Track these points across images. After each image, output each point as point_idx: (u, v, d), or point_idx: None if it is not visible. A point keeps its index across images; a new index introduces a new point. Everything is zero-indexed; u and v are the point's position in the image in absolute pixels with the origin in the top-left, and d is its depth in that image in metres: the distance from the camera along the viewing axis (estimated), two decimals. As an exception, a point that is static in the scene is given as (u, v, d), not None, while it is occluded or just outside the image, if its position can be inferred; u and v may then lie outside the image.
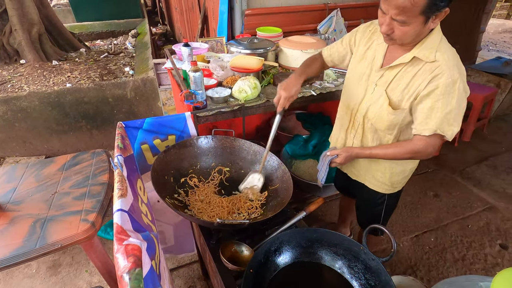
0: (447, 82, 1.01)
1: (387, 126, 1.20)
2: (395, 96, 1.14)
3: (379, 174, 1.38)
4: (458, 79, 1.01)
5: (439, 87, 1.02)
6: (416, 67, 1.08)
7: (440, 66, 1.02)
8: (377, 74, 1.19)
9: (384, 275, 0.90)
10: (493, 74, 3.45)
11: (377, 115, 1.21)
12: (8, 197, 1.46)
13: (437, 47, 1.04)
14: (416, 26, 0.98)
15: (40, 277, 1.97)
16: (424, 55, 1.05)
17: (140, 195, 1.14)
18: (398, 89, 1.12)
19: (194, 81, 1.46)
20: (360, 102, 1.27)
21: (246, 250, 1.08)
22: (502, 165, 2.97)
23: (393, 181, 1.38)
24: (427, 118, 1.07)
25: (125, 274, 0.66)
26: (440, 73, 1.01)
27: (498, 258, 2.07)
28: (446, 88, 1.01)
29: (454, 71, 1.01)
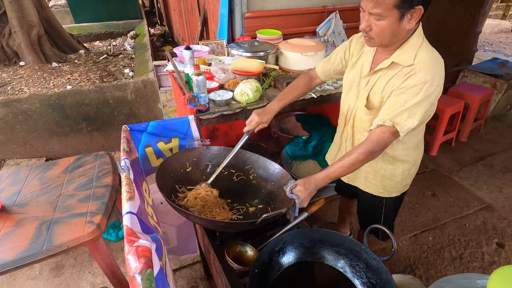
0: (416, 81, 1.03)
1: (368, 127, 1.21)
2: (375, 99, 1.18)
3: (371, 176, 1.39)
4: (428, 82, 1.03)
5: (407, 86, 1.05)
6: (394, 70, 1.11)
7: (414, 69, 1.05)
8: (364, 80, 1.24)
9: (385, 274, 0.93)
10: (489, 75, 3.50)
11: (360, 117, 1.27)
12: (13, 199, 1.48)
13: (417, 51, 1.06)
14: (391, 22, 1.01)
15: (43, 279, 1.98)
16: (402, 59, 1.08)
17: (145, 197, 1.16)
18: (378, 91, 1.17)
19: (197, 85, 1.48)
20: (349, 108, 1.33)
21: (250, 250, 1.11)
22: (499, 164, 3.02)
23: (385, 185, 1.39)
24: (385, 109, 1.09)
25: (137, 274, 0.69)
26: (413, 74, 1.05)
27: (495, 256, 2.11)
28: (414, 87, 1.04)
29: (426, 74, 1.03)
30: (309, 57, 1.98)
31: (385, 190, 1.40)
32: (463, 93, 3.19)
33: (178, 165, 1.37)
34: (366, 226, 1.64)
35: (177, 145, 1.51)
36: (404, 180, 1.38)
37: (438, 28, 3.24)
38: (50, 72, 3.66)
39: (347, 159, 1.11)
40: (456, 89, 3.28)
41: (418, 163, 1.41)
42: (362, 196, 1.52)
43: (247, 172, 1.46)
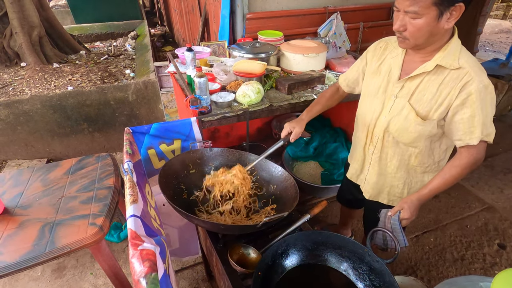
0: (480, 87, 0.99)
1: (413, 138, 1.15)
2: (421, 107, 1.10)
3: (396, 190, 1.34)
4: (489, 84, 1.02)
5: (472, 94, 1.00)
6: (440, 75, 1.06)
7: (469, 73, 1.01)
8: (396, 86, 1.16)
9: (388, 276, 0.93)
10: (490, 76, 3.49)
11: (401, 127, 1.16)
12: (15, 201, 1.48)
13: (459, 54, 1.03)
14: (429, 20, 0.96)
15: (45, 280, 1.99)
16: (447, 62, 1.03)
17: (148, 199, 1.16)
18: (425, 100, 1.09)
19: (199, 87, 1.48)
20: (378, 117, 1.24)
21: (253, 252, 1.11)
22: (500, 165, 3.02)
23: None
24: (470, 127, 1.03)
25: (142, 278, 0.69)
26: (471, 80, 1.00)
27: (496, 257, 2.11)
28: (480, 94, 1.00)
29: (482, 77, 1.01)
30: (310, 59, 1.98)
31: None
32: (464, 93, 3.19)
33: (181, 167, 1.37)
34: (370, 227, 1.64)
35: (179, 147, 1.51)
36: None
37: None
38: (51, 73, 3.66)
39: (448, 175, 1.11)
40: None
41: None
42: (372, 207, 1.45)
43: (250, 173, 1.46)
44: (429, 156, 1.21)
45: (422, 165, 1.24)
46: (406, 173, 1.28)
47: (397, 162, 1.27)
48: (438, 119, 1.08)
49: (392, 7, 2.94)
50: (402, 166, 1.27)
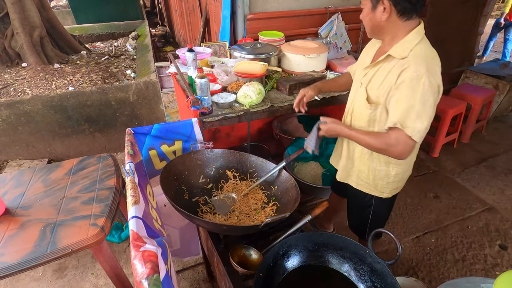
0: (412, 75, 1.03)
1: (366, 122, 1.25)
2: (373, 93, 1.20)
3: (363, 175, 1.41)
4: (424, 75, 1.03)
5: (405, 81, 1.05)
6: (390, 63, 1.13)
7: (408, 61, 1.06)
8: (362, 73, 1.27)
9: (390, 278, 0.93)
10: (491, 76, 3.50)
11: (358, 112, 1.29)
12: (17, 202, 1.48)
13: (413, 47, 1.08)
14: (367, 10, 1.12)
15: (47, 280, 1.99)
16: (396, 52, 1.10)
17: (150, 200, 1.16)
18: (376, 86, 1.18)
19: (200, 88, 1.48)
20: (352, 101, 1.35)
21: (255, 253, 1.11)
22: (501, 166, 3.01)
23: (377, 184, 1.40)
24: (393, 110, 1.09)
25: (144, 280, 0.69)
26: (407, 67, 1.05)
27: (497, 258, 2.11)
28: (411, 81, 1.04)
29: (421, 67, 1.03)
30: (311, 59, 1.98)
31: (375, 189, 1.42)
32: (465, 94, 3.19)
33: (182, 168, 1.38)
34: (355, 224, 1.69)
35: (180, 148, 1.51)
36: (396, 182, 1.39)
37: (440, 29, 3.24)
38: (52, 73, 3.67)
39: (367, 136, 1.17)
40: (458, 90, 3.28)
41: (411, 167, 1.42)
42: (352, 194, 1.55)
43: (251, 175, 1.46)
44: None
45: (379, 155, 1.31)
46: (370, 160, 1.35)
47: (361, 148, 1.34)
48: (384, 104, 1.16)
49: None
50: (365, 153, 1.35)
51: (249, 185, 1.41)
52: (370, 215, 1.52)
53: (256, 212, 1.30)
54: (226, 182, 1.44)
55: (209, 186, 1.42)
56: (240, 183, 1.43)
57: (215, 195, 1.39)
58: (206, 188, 1.42)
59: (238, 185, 1.43)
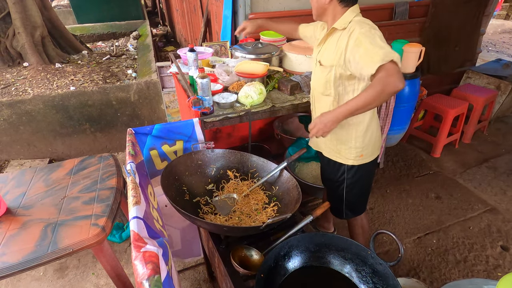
0: (362, 31, 1.20)
1: (323, 85, 1.40)
2: (326, 61, 1.36)
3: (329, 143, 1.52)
4: (370, 27, 1.22)
5: (358, 37, 1.20)
6: (336, 35, 1.32)
7: (352, 26, 1.25)
8: (315, 51, 1.46)
9: (391, 279, 0.92)
10: (493, 76, 3.48)
11: (315, 79, 1.45)
12: (18, 201, 1.48)
13: (351, 20, 1.28)
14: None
15: (48, 280, 1.99)
16: (338, 25, 1.30)
17: (151, 200, 1.16)
18: (328, 54, 1.35)
19: (202, 88, 1.48)
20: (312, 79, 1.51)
21: (256, 254, 1.11)
22: (503, 166, 3.00)
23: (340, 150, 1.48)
24: (369, 58, 1.16)
25: (145, 281, 0.69)
26: (354, 29, 1.23)
27: (499, 259, 2.10)
28: (365, 34, 1.19)
29: (364, 24, 1.23)
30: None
31: (339, 154, 1.50)
32: (467, 94, 3.17)
33: (183, 168, 1.37)
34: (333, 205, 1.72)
35: (181, 148, 1.51)
36: (359, 147, 1.45)
37: (442, 29, 3.23)
38: (54, 73, 3.67)
39: (362, 95, 1.19)
40: (459, 91, 3.27)
41: (374, 130, 1.47)
42: (326, 171, 1.65)
43: (252, 175, 1.46)
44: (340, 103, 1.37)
45: None
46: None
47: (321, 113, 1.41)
48: (337, 65, 1.30)
49: (394, 7, 2.94)
50: None
51: (250, 185, 1.41)
52: (344, 191, 1.60)
53: (257, 212, 1.30)
54: (227, 182, 1.44)
55: (210, 187, 1.42)
56: (241, 183, 1.43)
57: (216, 195, 1.39)
58: (207, 189, 1.42)
59: (239, 186, 1.42)
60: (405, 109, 2.50)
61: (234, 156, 1.47)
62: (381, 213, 2.48)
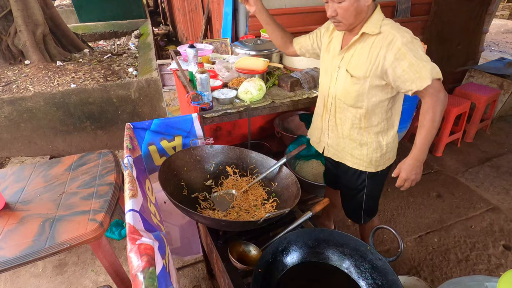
0: (404, 41, 1.13)
1: (355, 98, 1.30)
2: (357, 71, 1.26)
3: (357, 152, 1.45)
4: (412, 37, 1.15)
5: (400, 48, 1.13)
6: (368, 41, 1.22)
7: (390, 33, 1.17)
8: (337, 58, 1.34)
9: (391, 275, 0.91)
10: (496, 75, 3.46)
11: (344, 91, 1.33)
12: (17, 197, 1.48)
13: (381, 23, 1.20)
14: (351, 1, 1.15)
15: (47, 276, 1.99)
16: (369, 29, 1.20)
17: (148, 195, 1.15)
18: (360, 64, 1.25)
19: (201, 83, 1.47)
20: (329, 87, 1.40)
21: (254, 250, 1.10)
22: (505, 165, 2.97)
23: (372, 158, 1.43)
24: (415, 73, 1.13)
25: (139, 273, 0.68)
26: (394, 38, 1.15)
27: (501, 259, 2.08)
28: (408, 45, 1.13)
29: (403, 33, 1.16)
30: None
31: (370, 164, 1.44)
32: (469, 93, 3.15)
33: (181, 164, 1.36)
34: (350, 210, 1.72)
35: (180, 144, 1.50)
36: (389, 152, 1.44)
37: (444, 27, 3.21)
38: (55, 71, 3.67)
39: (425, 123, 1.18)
40: (462, 89, 3.24)
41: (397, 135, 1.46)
42: (344, 178, 1.59)
43: (251, 171, 1.45)
44: (376, 115, 1.34)
45: (371, 125, 1.36)
46: (359, 135, 1.40)
47: (349, 125, 1.40)
48: (372, 76, 1.23)
49: (396, 5, 2.92)
50: (354, 129, 1.40)
51: (249, 181, 1.40)
52: (364, 197, 1.56)
53: (256, 208, 1.29)
54: (226, 178, 1.43)
55: (208, 182, 1.41)
56: (240, 180, 1.42)
57: (215, 191, 1.38)
58: (206, 184, 1.41)
59: (238, 182, 1.41)
60: (407, 108, 2.48)
61: (233, 152, 1.46)
62: (382, 211, 2.46)
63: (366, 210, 1.63)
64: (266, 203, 1.31)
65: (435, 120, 1.17)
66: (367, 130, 1.38)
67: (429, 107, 1.17)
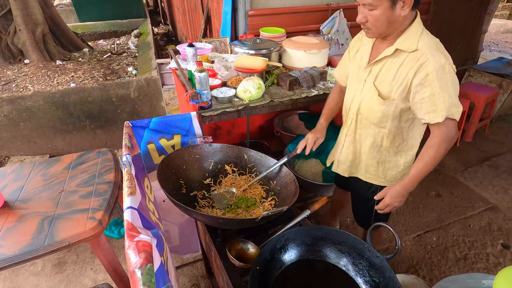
0: (436, 67, 1.03)
1: (379, 118, 1.23)
2: (384, 88, 1.18)
3: (372, 169, 1.41)
4: (446, 63, 1.04)
5: (429, 74, 1.04)
6: (400, 58, 1.12)
7: (425, 54, 1.05)
8: (365, 71, 1.25)
9: (388, 272, 0.91)
10: (495, 75, 3.46)
11: (369, 108, 1.25)
12: (16, 195, 1.48)
13: (419, 38, 1.08)
14: (383, 10, 1.03)
15: (46, 275, 1.99)
16: (405, 46, 1.09)
17: (147, 193, 1.16)
18: (387, 81, 1.16)
19: (200, 81, 1.47)
20: (352, 100, 1.33)
21: (252, 247, 1.10)
22: (504, 165, 2.98)
23: (387, 175, 1.40)
24: (432, 105, 1.07)
25: (137, 269, 0.68)
26: (426, 61, 1.04)
27: (500, 257, 2.08)
28: (437, 73, 1.03)
29: (439, 57, 1.04)
30: (312, 55, 1.97)
31: (385, 179, 1.42)
32: (469, 92, 3.15)
33: (180, 162, 1.37)
34: (360, 217, 1.69)
35: (179, 142, 1.50)
36: (405, 170, 1.39)
37: (444, 26, 3.21)
38: (54, 70, 3.68)
39: (425, 157, 1.15)
40: (461, 89, 3.24)
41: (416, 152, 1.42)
42: (356, 186, 1.55)
43: (249, 170, 1.45)
44: (399, 136, 1.27)
45: (393, 145, 1.31)
46: (379, 153, 1.36)
47: (370, 143, 1.35)
48: (399, 99, 1.14)
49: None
50: (375, 147, 1.35)
51: (248, 180, 1.40)
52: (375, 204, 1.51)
53: (254, 207, 1.29)
54: (224, 177, 1.43)
55: (207, 181, 1.42)
56: (239, 178, 1.42)
57: (214, 189, 1.39)
58: (205, 183, 1.41)
59: (237, 180, 1.42)
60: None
61: (232, 151, 1.47)
62: (381, 210, 2.47)
63: (376, 216, 1.57)
64: (265, 201, 1.31)
65: (436, 157, 1.14)
66: (388, 149, 1.33)
67: (434, 144, 1.12)
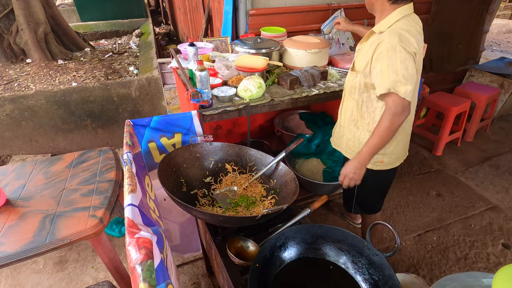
0: (388, 46, 1.17)
1: (349, 89, 1.43)
2: (358, 64, 1.36)
3: (351, 143, 1.53)
4: (398, 44, 1.15)
5: (382, 52, 1.18)
6: (372, 38, 1.29)
7: (383, 35, 1.21)
8: (357, 48, 1.42)
9: (387, 270, 0.92)
10: (496, 75, 3.45)
11: (346, 80, 1.47)
12: (17, 193, 1.49)
13: (392, 24, 1.21)
14: None
15: (47, 273, 2.00)
16: (377, 28, 1.26)
17: (148, 191, 1.16)
18: (360, 57, 1.34)
19: (200, 80, 1.48)
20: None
21: (252, 245, 1.11)
22: (505, 165, 2.97)
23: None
24: (381, 80, 1.19)
25: (138, 265, 0.69)
26: (383, 40, 1.19)
27: (500, 257, 2.08)
28: (388, 51, 1.16)
29: (393, 38, 1.16)
30: (313, 54, 1.97)
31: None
32: (470, 92, 3.15)
33: (181, 160, 1.37)
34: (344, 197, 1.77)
35: (180, 141, 1.51)
36: (381, 153, 1.43)
37: (445, 26, 3.20)
38: (56, 69, 3.69)
39: (376, 131, 1.24)
40: (462, 89, 3.24)
41: (402, 140, 1.46)
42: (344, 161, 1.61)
43: (250, 169, 1.46)
44: (367, 113, 1.38)
45: (364, 121, 1.42)
46: (355, 128, 1.48)
47: (348, 115, 1.50)
48: (363, 72, 1.31)
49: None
50: (352, 121, 1.48)
51: (248, 178, 1.41)
52: (355, 188, 1.61)
53: (254, 205, 1.30)
54: (225, 176, 1.44)
55: (208, 179, 1.42)
56: (239, 177, 1.43)
57: (215, 188, 1.39)
58: (205, 181, 1.42)
59: (237, 179, 1.42)
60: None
61: (232, 150, 1.47)
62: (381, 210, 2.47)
63: (359, 202, 1.68)
64: (265, 200, 1.31)
65: (381, 131, 1.22)
66: (362, 125, 1.44)
67: (381, 118, 1.23)
